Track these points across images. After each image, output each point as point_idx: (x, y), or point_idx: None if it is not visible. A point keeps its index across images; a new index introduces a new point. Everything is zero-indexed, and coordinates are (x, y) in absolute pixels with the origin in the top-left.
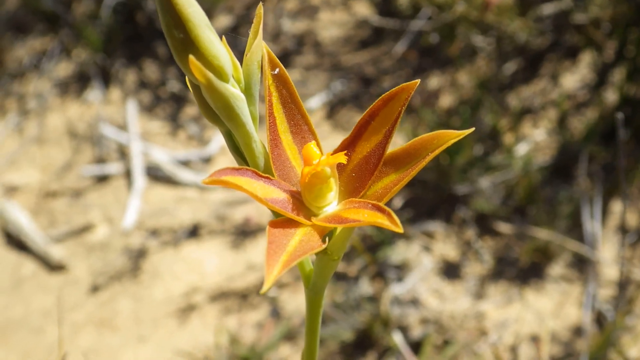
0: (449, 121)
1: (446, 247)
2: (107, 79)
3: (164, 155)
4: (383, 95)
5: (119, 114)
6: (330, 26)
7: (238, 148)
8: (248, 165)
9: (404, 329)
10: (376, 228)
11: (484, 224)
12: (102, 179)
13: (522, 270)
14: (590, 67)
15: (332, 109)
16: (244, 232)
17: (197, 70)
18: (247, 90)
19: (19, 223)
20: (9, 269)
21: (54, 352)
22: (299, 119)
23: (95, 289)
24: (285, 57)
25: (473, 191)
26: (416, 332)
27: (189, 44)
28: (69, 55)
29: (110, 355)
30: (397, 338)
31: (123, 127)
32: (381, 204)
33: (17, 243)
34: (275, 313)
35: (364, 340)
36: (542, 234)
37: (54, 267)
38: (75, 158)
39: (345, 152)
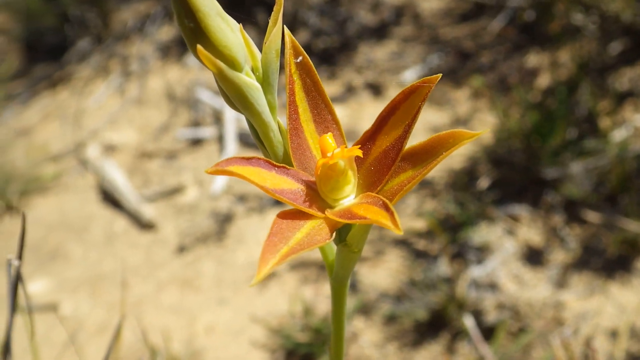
0: (544, 102)
1: (530, 232)
2: None
3: None
4: (404, 88)
5: None
6: None
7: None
8: (269, 154)
9: (478, 313)
10: (459, 207)
11: (572, 211)
12: (196, 142)
13: (609, 261)
14: None
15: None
16: None
17: (207, 59)
18: (265, 79)
19: (115, 181)
20: (102, 224)
21: (138, 306)
22: (322, 108)
23: (181, 249)
24: (383, 28)
25: (563, 176)
26: (491, 317)
27: (199, 33)
28: (172, 19)
29: (190, 314)
30: (469, 322)
31: (219, 92)
32: (388, 203)
33: (112, 200)
34: (353, 286)
35: (438, 320)
36: (633, 225)
37: (144, 225)
38: (171, 120)
39: (366, 144)
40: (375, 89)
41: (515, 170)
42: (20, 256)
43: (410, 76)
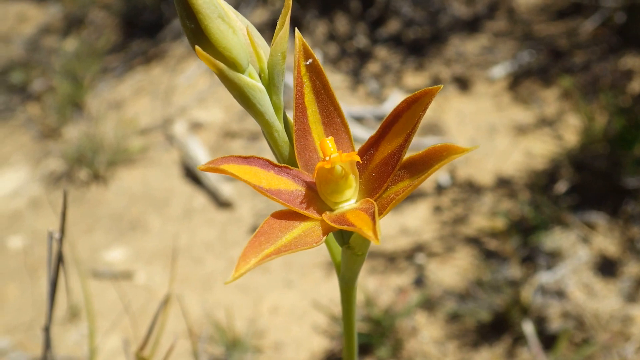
0: (634, 107)
1: (606, 242)
2: (298, 29)
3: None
4: (407, 97)
5: None
6: None
7: None
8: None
9: (542, 320)
10: (534, 209)
11: None
12: None
13: None
14: None
15: (516, 80)
16: None
17: (206, 60)
18: (270, 81)
19: (198, 158)
20: (182, 199)
21: (208, 282)
22: (331, 111)
23: (254, 229)
24: (475, 22)
25: None
26: (555, 324)
27: (199, 34)
28: (265, 2)
29: (257, 293)
30: (528, 328)
31: None
32: (376, 212)
33: (193, 177)
34: (420, 281)
35: (501, 323)
36: None
37: (221, 203)
38: None
39: (369, 150)
40: (462, 83)
41: (596, 176)
42: (62, 230)
43: (498, 72)
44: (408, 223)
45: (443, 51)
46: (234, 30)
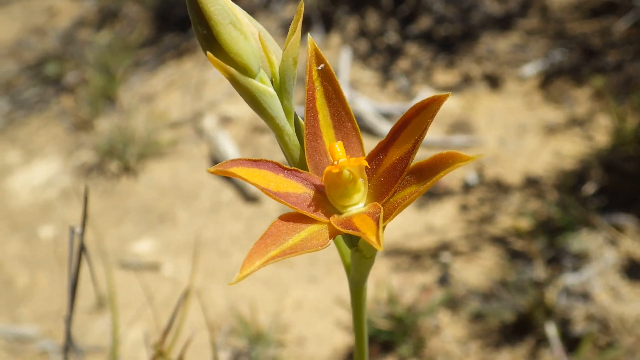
0: None
1: (634, 245)
2: (329, 25)
3: (368, 105)
4: (415, 104)
5: (334, 59)
6: None
7: None
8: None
9: (566, 322)
10: (561, 209)
11: None
12: None
13: None
14: None
15: (547, 79)
16: (431, 193)
17: (217, 65)
18: (282, 85)
19: (226, 152)
20: (210, 193)
21: (234, 275)
22: (342, 115)
23: None
24: (507, 19)
25: None
26: (579, 327)
27: (211, 40)
28: None
29: (281, 288)
30: (551, 330)
31: (336, 72)
32: (380, 218)
33: None
34: (444, 280)
35: (525, 324)
36: None
37: (249, 198)
38: None
39: (379, 155)
40: (493, 81)
41: (625, 178)
42: (83, 224)
43: (530, 71)
44: (434, 221)
45: (474, 49)
46: (245, 36)
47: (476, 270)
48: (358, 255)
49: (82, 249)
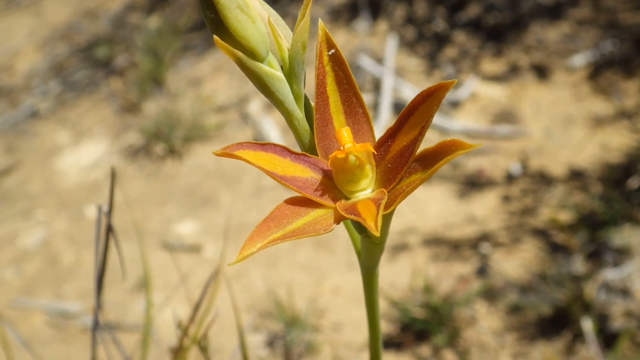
0: None
1: None
2: (376, 11)
3: (413, 93)
4: (422, 91)
5: (381, 46)
6: None
7: None
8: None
9: (605, 317)
10: (605, 203)
11: None
12: None
13: None
14: None
15: (596, 70)
16: (473, 183)
17: (224, 49)
18: (291, 70)
19: (270, 137)
20: (253, 177)
21: (274, 259)
22: (353, 101)
23: None
24: (558, 8)
25: None
26: (617, 323)
27: (219, 24)
28: None
29: (320, 273)
30: (586, 325)
31: (382, 60)
32: (382, 204)
33: None
34: (483, 271)
35: (562, 318)
36: None
37: None
38: None
39: (387, 142)
40: (541, 71)
41: None
42: (110, 206)
43: (579, 61)
44: (475, 211)
45: (523, 38)
46: (253, 20)
47: (515, 262)
48: (367, 241)
49: (110, 228)
